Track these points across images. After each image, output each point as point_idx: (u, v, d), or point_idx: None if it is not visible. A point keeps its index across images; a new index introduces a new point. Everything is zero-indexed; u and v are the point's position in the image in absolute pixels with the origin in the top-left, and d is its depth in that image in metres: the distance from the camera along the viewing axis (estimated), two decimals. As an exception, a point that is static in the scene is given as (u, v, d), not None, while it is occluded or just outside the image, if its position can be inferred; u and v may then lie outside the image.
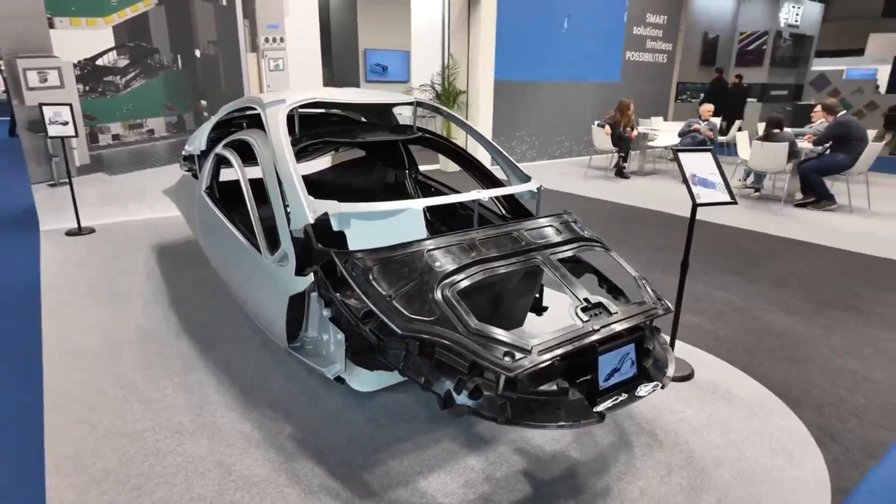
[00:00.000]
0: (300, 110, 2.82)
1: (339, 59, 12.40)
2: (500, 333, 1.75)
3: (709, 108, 8.67)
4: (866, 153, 6.37)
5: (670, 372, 2.01)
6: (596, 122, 8.69)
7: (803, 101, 16.64)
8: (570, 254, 2.23)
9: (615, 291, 2.36)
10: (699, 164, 2.54)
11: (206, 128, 3.40)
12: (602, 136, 8.44)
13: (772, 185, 7.78)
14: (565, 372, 1.84)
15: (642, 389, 1.86)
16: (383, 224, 2.21)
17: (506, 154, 3.03)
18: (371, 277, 1.97)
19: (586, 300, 1.94)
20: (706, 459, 2.19)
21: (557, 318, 2.98)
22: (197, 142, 3.45)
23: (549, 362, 1.71)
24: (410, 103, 3.24)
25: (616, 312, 1.93)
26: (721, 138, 8.68)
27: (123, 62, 5.47)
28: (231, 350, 3.02)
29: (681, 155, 2.52)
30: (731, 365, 2.94)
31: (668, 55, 12.12)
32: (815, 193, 6.71)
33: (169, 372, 2.79)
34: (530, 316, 2.90)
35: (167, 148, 5.87)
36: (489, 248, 2.12)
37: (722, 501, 1.96)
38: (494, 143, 3.07)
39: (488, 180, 3.10)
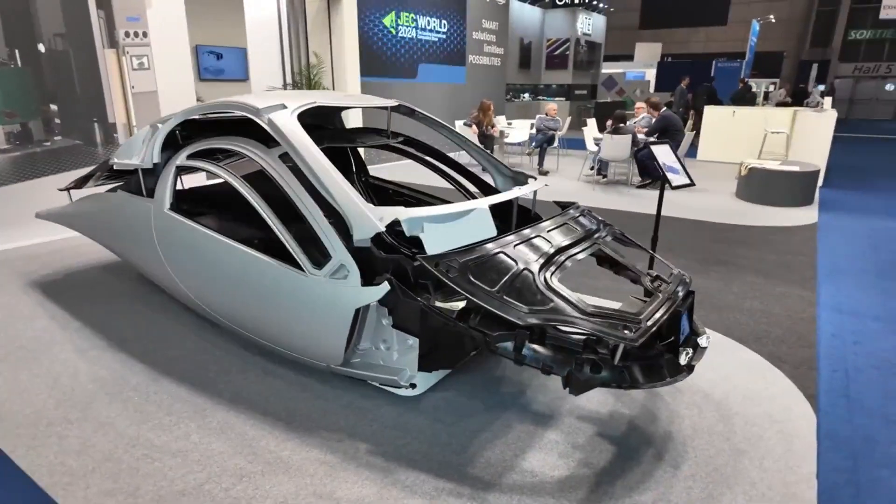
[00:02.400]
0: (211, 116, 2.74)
1: (167, 57, 11.09)
2: (610, 311, 1.97)
3: (553, 106, 9.80)
4: (684, 141, 7.89)
5: (701, 326, 2.44)
6: (463, 122, 9.23)
7: (600, 100, 19.55)
8: (611, 238, 2.53)
9: (622, 268, 2.71)
10: (665, 154, 3.04)
11: (158, 137, 2.92)
12: (470, 134, 8.99)
13: (612, 172, 9.14)
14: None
15: (703, 340, 2.25)
16: (455, 225, 2.25)
17: (489, 154, 3.22)
18: (470, 277, 2.03)
19: (648, 274, 2.26)
20: (717, 394, 2.68)
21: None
22: (144, 153, 2.96)
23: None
24: (385, 107, 3.23)
25: (670, 283, 2.29)
26: (559, 133, 9.87)
27: (-60, 58, 4.32)
28: (231, 383, 2.72)
29: (653, 148, 3.00)
30: (680, 319, 3.55)
31: (500, 58, 13.27)
32: (651, 176, 8.08)
33: (178, 419, 2.44)
34: None
35: (9, 163, 4.79)
36: (559, 238, 2.32)
37: (748, 422, 2.46)
38: (478, 145, 3.23)
39: (474, 181, 3.26)
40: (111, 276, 4.17)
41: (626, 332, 1.91)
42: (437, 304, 2.20)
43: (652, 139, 8.11)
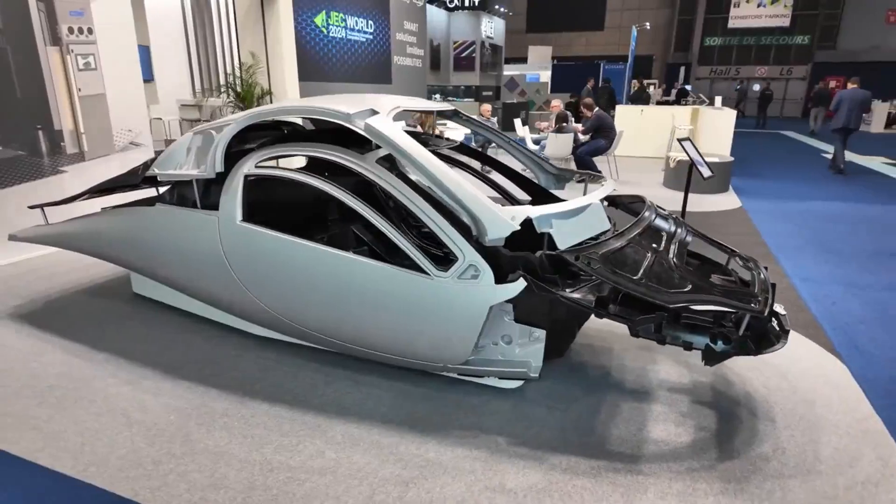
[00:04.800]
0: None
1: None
2: (734, 288, 2.23)
3: (487, 107, 10.16)
4: (617, 137, 8.61)
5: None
6: (406, 122, 9.25)
7: (506, 101, 20.41)
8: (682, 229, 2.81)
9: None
10: (692, 150, 3.41)
11: (220, 144, 2.66)
12: (415, 135, 9.06)
13: (549, 167, 9.70)
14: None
15: (779, 308, 2.59)
16: (577, 220, 2.38)
17: (532, 153, 3.38)
18: (613, 268, 2.18)
19: (733, 252, 2.56)
20: (774, 362, 3.05)
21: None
22: (206, 162, 2.70)
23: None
24: (446, 111, 3.26)
25: (749, 260, 2.61)
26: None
27: None
28: (326, 396, 2.63)
29: (684, 144, 3.34)
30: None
31: (421, 60, 13.41)
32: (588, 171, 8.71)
33: (297, 438, 2.33)
34: None
35: (-56, 180, 4.08)
36: (665, 229, 2.54)
37: (800, 376, 2.87)
38: (518, 145, 3.38)
39: (521, 182, 3.40)
40: (100, 298, 3.74)
41: (752, 304, 2.18)
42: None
43: (587, 137, 8.75)
